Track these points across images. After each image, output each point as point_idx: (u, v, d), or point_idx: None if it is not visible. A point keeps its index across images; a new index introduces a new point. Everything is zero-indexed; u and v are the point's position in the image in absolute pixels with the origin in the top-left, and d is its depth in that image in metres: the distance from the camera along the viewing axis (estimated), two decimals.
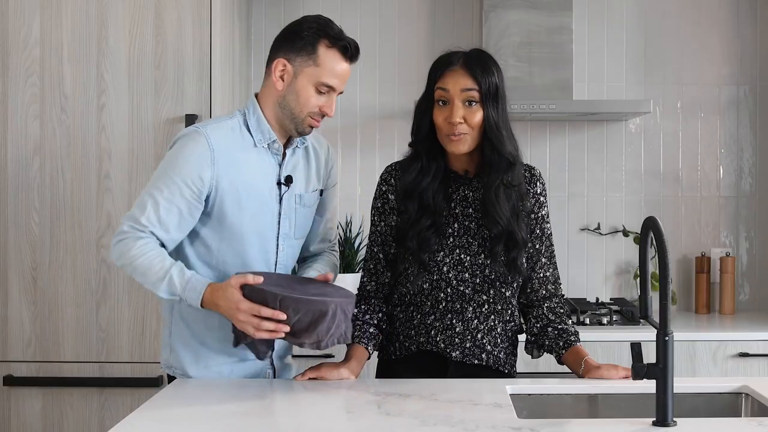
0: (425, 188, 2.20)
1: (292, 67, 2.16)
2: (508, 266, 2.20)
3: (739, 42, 3.80)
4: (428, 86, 2.21)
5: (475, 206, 2.24)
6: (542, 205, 2.29)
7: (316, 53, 2.15)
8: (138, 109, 3.06)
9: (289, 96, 2.17)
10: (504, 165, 2.18)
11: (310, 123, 2.19)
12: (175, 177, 2.10)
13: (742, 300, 3.80)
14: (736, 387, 2.10)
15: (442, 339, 2.22)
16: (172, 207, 2.10)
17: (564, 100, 3.54)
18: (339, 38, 2.16)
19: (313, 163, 2.33)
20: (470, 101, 2.15)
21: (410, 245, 2.18)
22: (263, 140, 2.20)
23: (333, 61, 2.16)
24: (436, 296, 2.22)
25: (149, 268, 2.08)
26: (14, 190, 3.06)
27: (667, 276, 1.78)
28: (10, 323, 3.07)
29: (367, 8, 3.80)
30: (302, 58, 2.15)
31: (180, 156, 2.12)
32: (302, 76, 2.15)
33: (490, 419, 1.78)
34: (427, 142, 2.21)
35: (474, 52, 2.22)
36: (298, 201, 2.28)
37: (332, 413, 1.90)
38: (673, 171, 3.81)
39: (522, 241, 2.20)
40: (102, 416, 3.06)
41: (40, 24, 3.06)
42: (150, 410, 1.88)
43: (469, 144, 2.17)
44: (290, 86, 2.17)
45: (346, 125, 3.77)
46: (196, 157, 2.11)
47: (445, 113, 2.16)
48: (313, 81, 2.15)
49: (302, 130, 2.20)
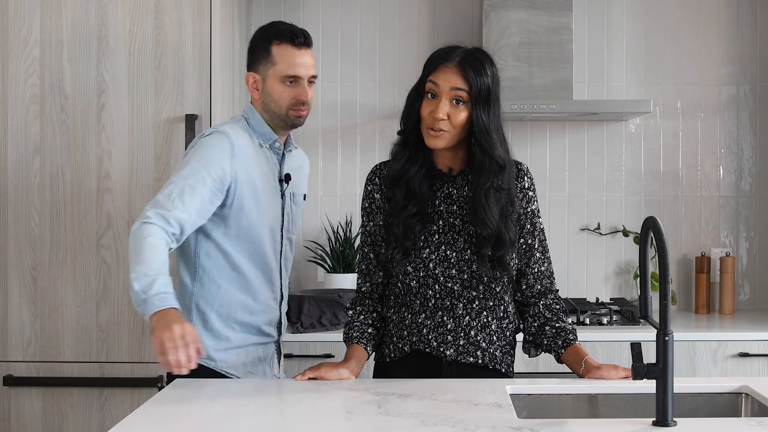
0: (413, 176, 2.21)
1: (259, 75, 2.41)
2: (495, 265, 2.20)
3: (739, 42, 3.80)
4: (422, 76, 2.22)
5: (459, 203, 2.24)
6: (531, 200, 2.28)
7: (270, 55, 2.38)
8: (138, 109, 3.06)
9: (266, 99, 2.41)
10: (494, 168, 2.17)
11: (294, 114, 2.40)
12: (200, 167, 2.27)
13: (742, 300, 3.80)
14: (736, 387, 2.10)
15: (434, 337, 2.22)
16: (195, 193, 2.23)
17: (564, 100, 3.54)
18: (285, 32, 2.39)
19: (302, 169, 2.60)
20: (458, 100, 2.15)
21: (396, 231, 2.19)
22: (266, 141, 2.43)
23: (286, 53, 2.37)
24: (425, 294, 2.22)
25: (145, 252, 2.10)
26: (14, 190, 3.06)
27: (667, 276, 1.78)
28: (10, 323, 3.07)
29: (367, 8, 3.80)
30: (263, 65, 2.40)
31: (204, 149, 2.30)
32: (269, 79, 2.39)
33: (490, 419, 1.78)
34: (414, 132, 2.22)
35: (473, 51, 2.21)
36: (292, 199, 2.51)
37: (332, 413, 1.90)
38: (673, 171, 3.81)
39: (509, 241, 2.20)
40: (102, 416, 3.06)
41: (40, 24, 3.06)
42: (150, 410, 1.88)
43: (447, 141, 2.17)
44: (264, 92, 2.41)
45: (346, 125, 3.77)
46: (219, 150, 2.30)
47: (432, 107, 2.16)
48: (278, 78, 2.38)
49: (292, 123, 2.42)
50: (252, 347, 2.44)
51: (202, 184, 2.24)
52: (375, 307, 2.32)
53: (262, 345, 2.46)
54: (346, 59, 3.79)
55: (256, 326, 2.43)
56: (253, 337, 2.43)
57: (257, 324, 2.43)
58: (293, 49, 2.37)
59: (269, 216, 2.41)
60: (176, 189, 2.22)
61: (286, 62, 2.37)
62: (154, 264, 2.08)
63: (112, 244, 3.05)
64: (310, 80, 2.41)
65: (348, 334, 2.29)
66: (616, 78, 3.81)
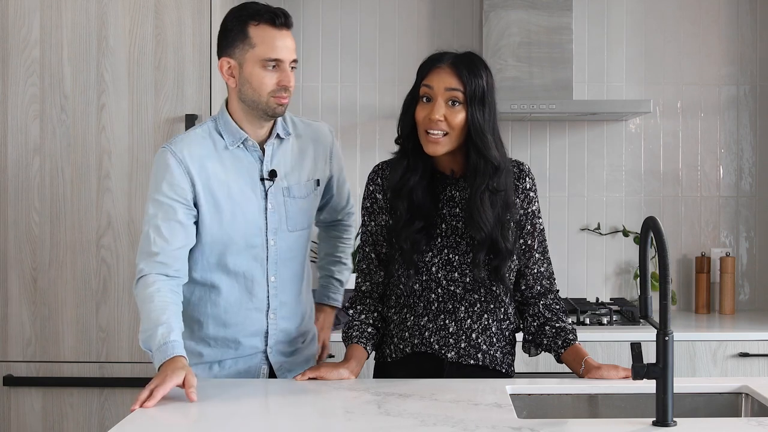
0: (413, 187, 2.19)
1: (235, 61, 2.18)
2: (491, 274, 2.19)
3: (739, 42, 3.80)
4: (415, 83, 2.21)
5: (462, 206, 2.23)
6: (532, 201, 2.28)
7: (248, 36, 2.16)
8: (138, 109, 3.06)
9: (244, 87, 2.19)
10: (490, 170, 2.15)
11: (275, 102, 2.19)
12: (161, 198, 2.18)
13: (742, 300, 3.80)
14: (736, 387, 2.10)
15: (436, 340, 2.22)
16: (172, 223, 2.17)
17: (564, 100, 3.54)
18: (263, 12, 2.17)
19: (310, 152, 2.36)
20: (454, 101, 2.13)
21: (404, 246, 2.18)
22: (235, 141, 2.24)
23: (265, 34, 2.15)
24: (428, 297, 2.22)
25: (144, 306, 2.11)
26: (14, 190, 3.06)
27: (667, 276, 1.78)
28: (10, 323, 3.07)
29: (367, 8, 3.80)
30: (239, 49, 2.17)
31: (156, 177, 2.20)
32: (246, 64, 2.17)
33: (490, 419, 1.78)
34: (411, 139, 2.20)
35: (467, 53, 2.20)
36: (287, 194, 2.30)
37: (332, 413, 1.90)
38: (673, 171, 3.81)
39: (506, 251, 2.18)
40: (102, 416, 3.06)
41: (40, 24, 3.06)
42: (150, 410, 1.87)
43: (448, 146, 2.15)
44: (241, 78, 2.19)
45: (346, 125, 3.77)
46: (170, 172, 2.18)
47: (427, 110, 2.14)
48: (258, 62, 2.16)
49: (273, 112, 2.21)
50: (230, 361, 2.31)
51: (172, 211, 2.17)
52: (375, 307, 2.31)
53: (243, 358, 2.31)
54: (346, 59, 3.79)
55: (233, 339, 2.29)
56: (230, 351, 2.30)
57: (234, 337, 2.29)
58: (273, 29, 2.15)
59: (239, 224, 2.24)
60: (152, 229, 2.16)
61: (267, 44, 2.14)
62: (152, 316, 2.07)
63: (112, 244, 3.05)
64: (291, 65, 2.20)
65: (348, 333, 2.29)
66: (616, 78, 3.81)
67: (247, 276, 2.28)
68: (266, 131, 2.28)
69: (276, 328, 2.33)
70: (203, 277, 2.27)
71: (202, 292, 2.28)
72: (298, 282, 2.38)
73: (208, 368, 2.31)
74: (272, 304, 2.31)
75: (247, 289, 2.28)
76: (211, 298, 2.28)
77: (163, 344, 2.01)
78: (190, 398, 1.91)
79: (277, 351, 2.34)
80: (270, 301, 2.31)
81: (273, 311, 2.32)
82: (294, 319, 2.37)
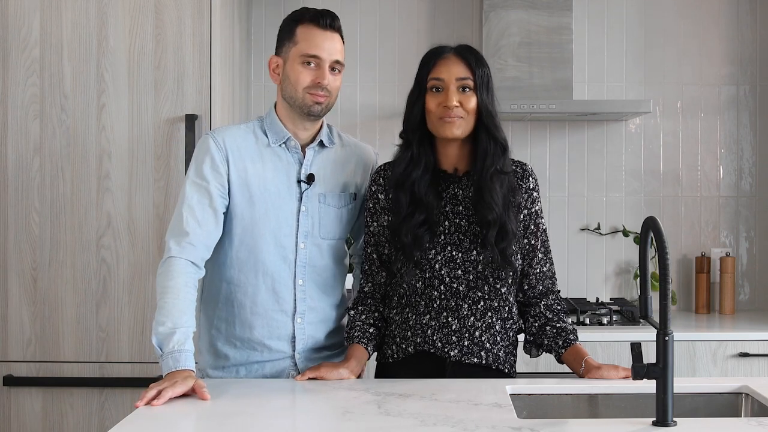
0: (416, 180, 2.22)
1: (281, 58, 2.29)
2: (500, 256, 2.20)
3: (739, 42, 3.80)
4: (419, 77, 2.24)
5: (465, 204, 2.24)
6: (535, 201, 2.30)
7: (294, 35, 2.26)
8: (138, 109, 3.06)
9: (285, 83, 2.28)
10: (499, 151, 2.21)
11: (311, 99, 2.25)
12: (199, 181, 2.23)
13: (742, 300, 3.80)
14: (736, 387, 2.10)
15: (438, 338, 2.22)
16: (205, 207, 2.21)
17: (564, 100, 3.54)
18: (311, 12, 2.27)
19: (351, 166, 2.38)
20: (465, 88, 2.19)
21: (405, 240, 2.19)
22: (278, 139, 2.30)
23: (309, 33, 2.25)
24: (430, 294, 2.22)
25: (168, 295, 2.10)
26: (14, 190, 3.06)
27: (667, 276, 1.78)
28: (10, 323, 3.07)
29: (367, 8, 3.80)
30: (286, 47, 2.28)
31: (196, 161, 2.26)
32: (289, 60, 2.26)
33: (489, 419, 1.78)
34: (418, 131, 2.23)
35: (465, 45, 2.27)
36: (322, 200, 2.32)
37: (332, 413, 1.90)
38: (673, 171, 3.81)
39: (512, 232, 2.21)
40: (102, 416, 3.06)
41: (40, 24, 3.06)
42: (150, 410, 1.88)
43: (464, 128, 2.20)
44: (284, 74, 2.28)
45: (346, 125, 3.77)
46: (210, 157, 2.24)
47: (440, 99, 2.19)
48: (297, 58, 2.25)
49: (308, 110, 2.26)
50: (256, 365, 2.30)
51: (207, 196, 2.21)
52: (377, 307, 2.31)
53: (269, 362, 2.30)
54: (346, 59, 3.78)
55: (258, 341, 2.28)
56: (256, 354, 2.29)
57: (259, 339, 2.28)
58: (317, 29, 2.25)
59: (270, 221, 2.26)
60: (186, 209, 2.19)
61: (308, 41, 2.23)
62: (174, 312, 2.07)
63: (112, 244, 3.05)
64: (333, 66, 2.27)
65: (349, 333, 2.29)
66: (616, 78, 3.81)
67: (275, 277, 2.27)
68: (310, 135, 2.33)
69: (304, 333, 2.31)
70: (232, 276, 2.28)
71: (229, 291, 2.29)
72: (330, 291, 2.37)
73: (235, 372, 2.31)
74: (299, 308, 2.30)
75: (274, 290, 2.28)
76: (238, 297, 2.29)
77: (176, 351, 2.03)
78: (203, 397, 1.94)
79: (306, 357, 2.32)
80: (297, 304, 2.29)
81: (300, 315, 2.30)
82: (323, 326, 2.35)
